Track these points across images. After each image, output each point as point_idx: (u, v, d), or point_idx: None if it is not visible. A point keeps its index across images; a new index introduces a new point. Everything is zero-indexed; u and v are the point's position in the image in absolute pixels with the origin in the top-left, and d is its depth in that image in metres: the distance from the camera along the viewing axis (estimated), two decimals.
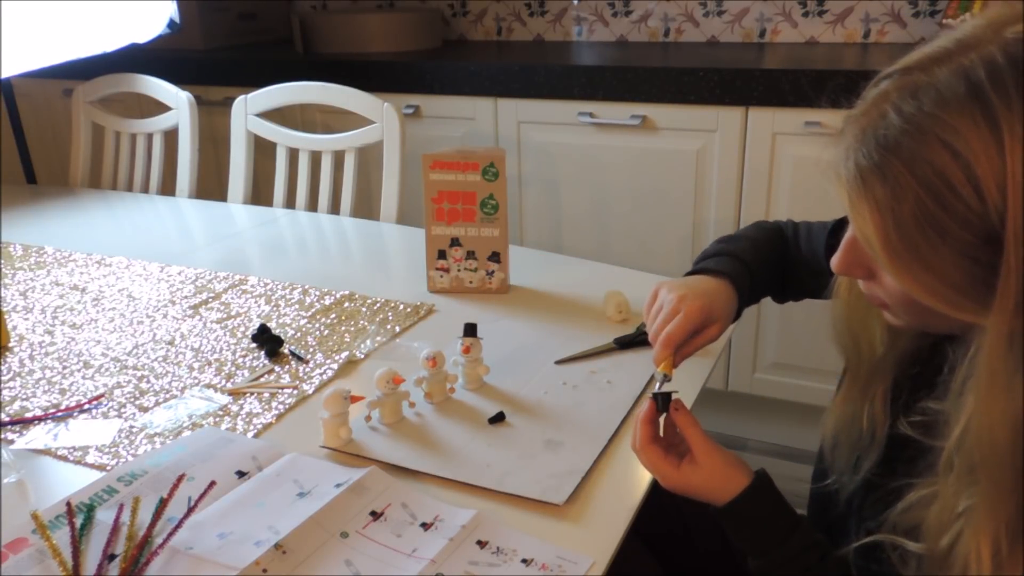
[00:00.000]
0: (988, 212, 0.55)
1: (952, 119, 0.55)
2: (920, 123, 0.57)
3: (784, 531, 0.77)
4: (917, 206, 0.57)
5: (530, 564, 0.74)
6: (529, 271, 1.37)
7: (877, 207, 0.59)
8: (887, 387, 0.77)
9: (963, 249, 0.57)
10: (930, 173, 0.56)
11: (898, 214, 0.58)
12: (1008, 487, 0.59)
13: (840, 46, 2.29)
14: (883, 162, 0.58)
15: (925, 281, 0.60)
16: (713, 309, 0.89)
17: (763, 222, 1.08)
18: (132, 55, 2.15)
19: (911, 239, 0.59)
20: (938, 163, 0.56)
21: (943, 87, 0.56)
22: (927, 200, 0.57)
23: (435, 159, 1.26)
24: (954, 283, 0.59)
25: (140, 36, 2.09)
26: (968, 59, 0.56)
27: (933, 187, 0.56)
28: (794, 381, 2.08)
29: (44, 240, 1.64)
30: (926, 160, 0.56)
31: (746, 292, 0.96)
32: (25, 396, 1.06)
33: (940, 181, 0.56)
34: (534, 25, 2.67)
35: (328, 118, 2.38)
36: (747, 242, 1.01)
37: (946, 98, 0.56)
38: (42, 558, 0.75)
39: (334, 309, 1.28)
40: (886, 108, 0.59)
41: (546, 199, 2.24)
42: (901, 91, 0.59)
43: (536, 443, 0.92)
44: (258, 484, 0.84)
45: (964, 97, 0.55)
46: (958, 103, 0.55)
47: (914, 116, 0.57)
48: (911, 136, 0.57)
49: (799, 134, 1.89)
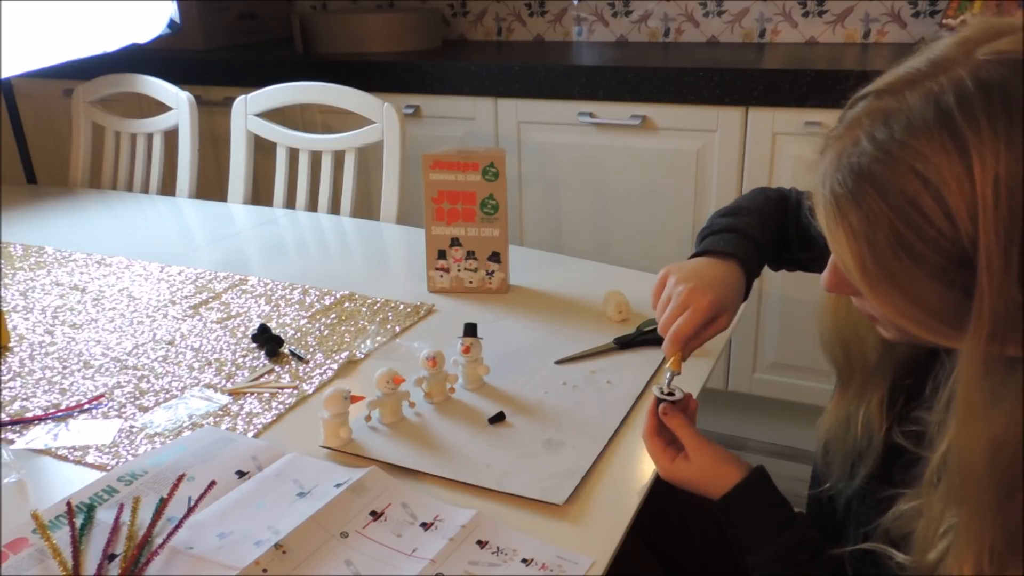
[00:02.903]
0: (960, 238, 0.55)
1: (922, 146, 0.55)
2: (891, 151, 0.57)
3: (776, 527, 0.78)
4: (891, 233, 0.57)
5: (530, 564, 0.74)
6: (529, 271, 1.37)
7: (852, 234, 0.59)
8: (883, 393, 0.77)
9: (937, 274, 0.57)
10: (902, 201, 0.56)
11: (873, 241, 0.58)
12: (988, 511, 0.59)
13: (840, 46, 2.29)
14: (857, 190, 0.58)
15: (902, 307, 0.61)
16: (722, 301, 0.89)
17: (767, 189, 1.07)
18: (132, 55, 2.15)
19: (886, 265, 0.59)
20: (910, 191, 0.56)
21: (913, 113, 0.56)
22: (900, 227, 0.57)
23: (435, 159, 1.26)
24: (930, 308, 0.59)
25: (140, 36, 2.09)
26: (938, 83, 0.56)
27: (905, 214, 0.56)
28: (794, 381, 2.08)
29: (44, 240, 1.64)
30: (898, 188, 0.56)
31: (755, 271, 0.97)
32: (25, 396, 1.06)
33: (912, 208, 0.56)
34: (534, 25, 2.67)
35: (328, 118, 2.38)
36: (754, 217, 1.00)
37: (915, 125, 0.56)
38: (42, 558, 0.75)
39: (334, 309, 1.28)
40: (859, 134, 0.59)
41: (546, 199, 2.24)
42: (873, 116, 0.59)
43: (536, 443, 0.92)
44: (258, 484, 0.84)
45: (933, 123, 0.55)
46: (927, 130, 0.55)
47: (885, 144, 0.57)
48: (883, 164, 0.57)
49: (799, 134, 1.89)
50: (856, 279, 0.62)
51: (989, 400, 0.58)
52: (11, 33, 1.74)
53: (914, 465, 0.68)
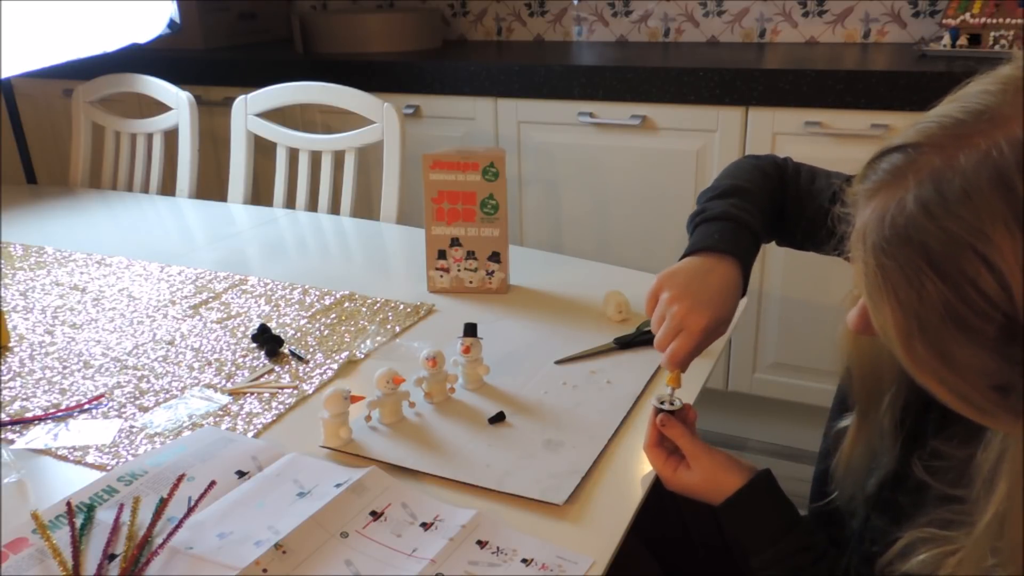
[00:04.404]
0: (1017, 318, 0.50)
1: (983, 224, 0.50)
2: (946, 226, 0.51)
3: (777, 532, 0.78)
4: (945, 311, 0.52)
5: (530, 564, 0.74)
6: (529, 271, 1.37)
7: (900, 307, 0.55)
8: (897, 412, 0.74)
9: (990, 348, 0.52)
10: (959, 277, 0.51)
11: (923, 317, 0.54)
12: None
13: (840, 46, 2.29)
14: (907, 263, 0.53)
15: (950, 382, 0.56)
16: (719, 320, 0.84)
17: (760, 158, 1.00)
18: (132, 55, 2.15)
19: (934, 339, 0.54)
20: (970, 272, 0.51)
21: (968, 180, 0.51)
22: (956, 305, 0.52)
23: (435, 159, 1.26)
24: (980, 387, 0.55)
25: (140, 36, 2.09)
26: (995, 143, 0.51)
27: (963, 293, 0.51)
28: (794, 381, 2.08)
29: (44, 240, 1.64)
30: (957, 268, 0.51)
31: (752, 262, 0.91)
32: (25, 396, 1.06)
33: (972, 288, 0.51)
34: (534, 25, 2.67)
35: (328, 118, 2.38)
36: (749, 199, 0.93)
37: (971, 194, 0.51)
38: (42, 558, 0.75)
39: (334, 309, 1.28)
40: (904, 194, 0.54)
41: (546, 199, 2.24)
42: (918, 174, 0.53)
43: (536, 443, 0.92)
44: (258, 484, 0.84)
45: (992, 194, 0.50)
46: (986, 202, 0.50)
47: (938, 214, 0.52)
48: (937, 239, 0.52)
49: (799, 134, 1.89)
50: (900, 353, 0.57)
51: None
52: (11, 33, 1.74)
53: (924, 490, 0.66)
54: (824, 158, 1.03)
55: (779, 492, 0.80)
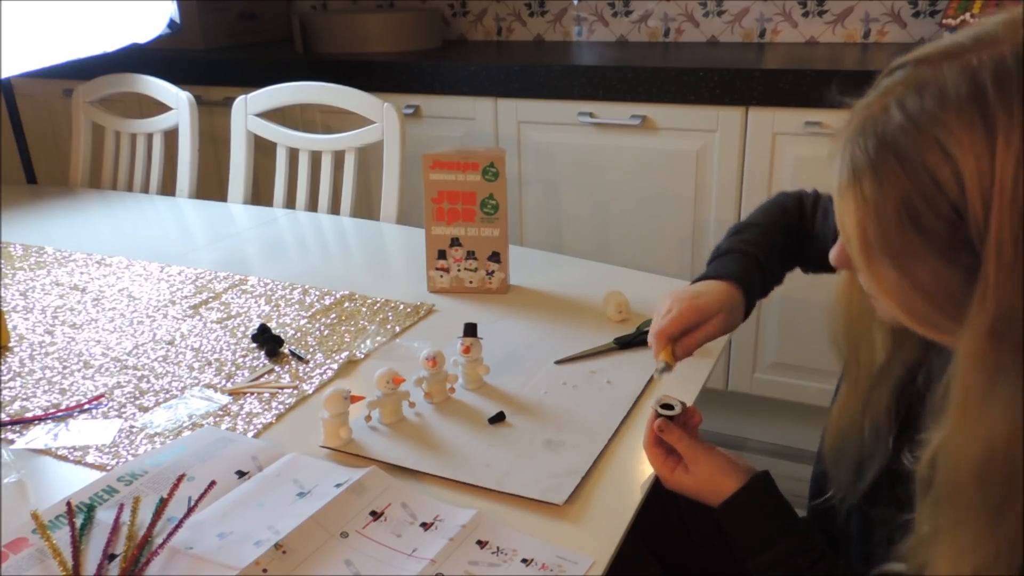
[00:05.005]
0: (972, 217, 0.53)
1: (950, 119, 0.54)
2: (919, 121, 0.55)
3: (774, 535, 0.78)
4: (902, 203, 0.56)
5: (530, 564, 0.74)
6: (529, 271, 1.37)
7: (862, 200, 0.58)
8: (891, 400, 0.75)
9: (942, 253, 0.56)
10: (920, 170, 0.55)
11: (881, 209, 0.57)
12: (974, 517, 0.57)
13: (840, 46, 2.29)
14: (877, 157, 0.57)
15: (898, 287, 0.59)
16: (707, 306, 0.92)
17: (788, 195, 1.06)
18: (132, 55, 2.15)
19: (889, 238, 0.58)
20: (930, 162, 0.54)
21: (947, 86, 0.54)
22: (913, 197, 0.55)
23: (435, 159, 1.26)
24: (927, 292, 0.58)
25: (140, 36, 2.09)
26: (978, 57, 0.54)
27: (921, 184, 0.55)
28: (794, 381, 2.08)
29: (44, 240, 1.64)
30: (918, 158, 0.55)
31: (756, 286, 0.98)
32: (25, 396, 1.06)
33: (928, 179, 0.54)
34: (534, 25, 2.67)
35: (328, 118, 2.38)
36: (757, 230, 1.01)
37: (948, 97, 0.54)
38: (42, 558, 0.75)
39: (334, 309, 1.28)
40: (889, 102, 0.57)
41: (546, 199, 2.24)
42: (907, 85, 0.57)
43: (536, 443, 0.92)
44: (258, 484, 0.84)
45: (965, 98, 0.53)
46: (958, 103, 0.54)
47: (914, 114, 0.55)
48: (908, 133, 0.55)
49: (799, 134, 1.89)
50: (855, 250, 0.61)
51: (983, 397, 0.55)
52: (11, 33, 1.74)
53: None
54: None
55: (777, 494, 0.80)
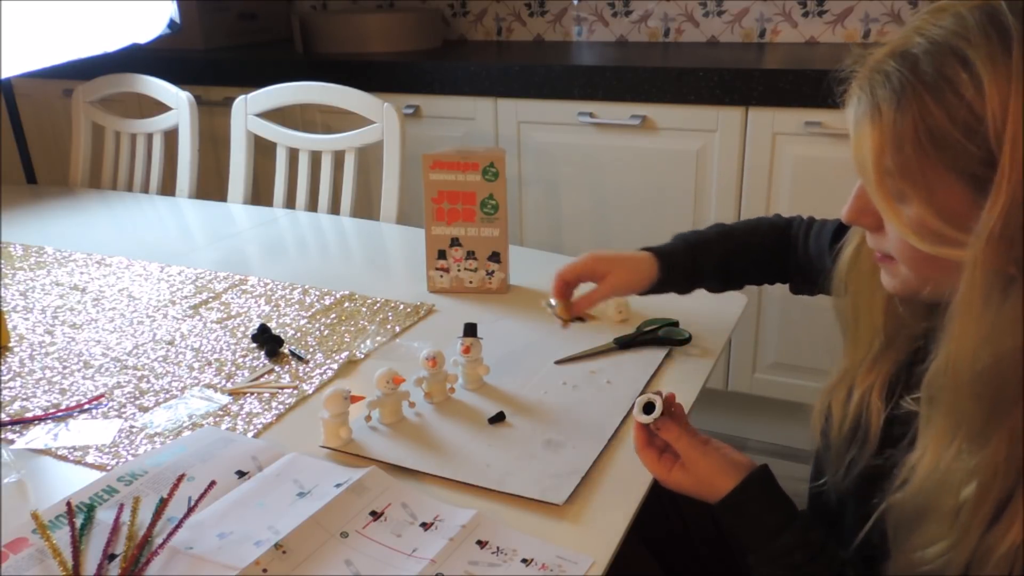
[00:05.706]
0: (989, 126, 0.55)
1: (968, 32, 0.57)
2: (938, 40, 0.58)
3: (773, 530, 0.77)
4: (921, 119, 0.58)
5: (530, 564, 0.74)
6: (529, 271, 1.37)
7: (881, 125, 0.60)
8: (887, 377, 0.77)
9: (957, 165, 0.58)
10: (940, 81, 0.57)
11: (900, 131, 0.59)
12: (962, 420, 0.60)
13: (840, 46, 2.28)
14: (897, 79, 0.59)
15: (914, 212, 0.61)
16: (610, 259, 1.02)
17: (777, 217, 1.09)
18: (132, 55, 2.15)
19: (906, 159, 0.59)
20: (949, 72, 0.57)
21: (963, 12, 0.58)
22: (933, 110, 0.57)
23: (435, 159, 1.26)
24: (938, 206, 0.60)
25: (140, 36, 2.09)
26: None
27: (938, 91, 0.57)
28: (794, 381, 2.08)
29: (44, 240, 1.64)
30: (936, 66, 0.57)
31: (678, 263, 1.05)
32: (25, 396, 1.06)
33: (946, 85, 0.57)
34: (534, 25, 2.67)
35: (328, 118, 2.38)
36: (714, 230, 1.08)
37: (965, 18, 0.58)
38: (42, 558, 0.75)
39: (334, 309, 1.28)
40: (909, 34, 0.61)
41: (546, 199, 2.24)
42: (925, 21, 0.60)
43: (536, 443, 0.92)
44: (258, 484, 0.84)
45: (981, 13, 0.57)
46: (976, 18, 0.57)
47: (934, 36, 0.59)
48: (928, 53, 0.58)
49: (799, 134, 1.89)
50: (872, 181, 0.62)
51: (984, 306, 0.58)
52: (11, 33, 1.74)
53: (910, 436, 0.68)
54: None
55: (775, 488, 0.80)
